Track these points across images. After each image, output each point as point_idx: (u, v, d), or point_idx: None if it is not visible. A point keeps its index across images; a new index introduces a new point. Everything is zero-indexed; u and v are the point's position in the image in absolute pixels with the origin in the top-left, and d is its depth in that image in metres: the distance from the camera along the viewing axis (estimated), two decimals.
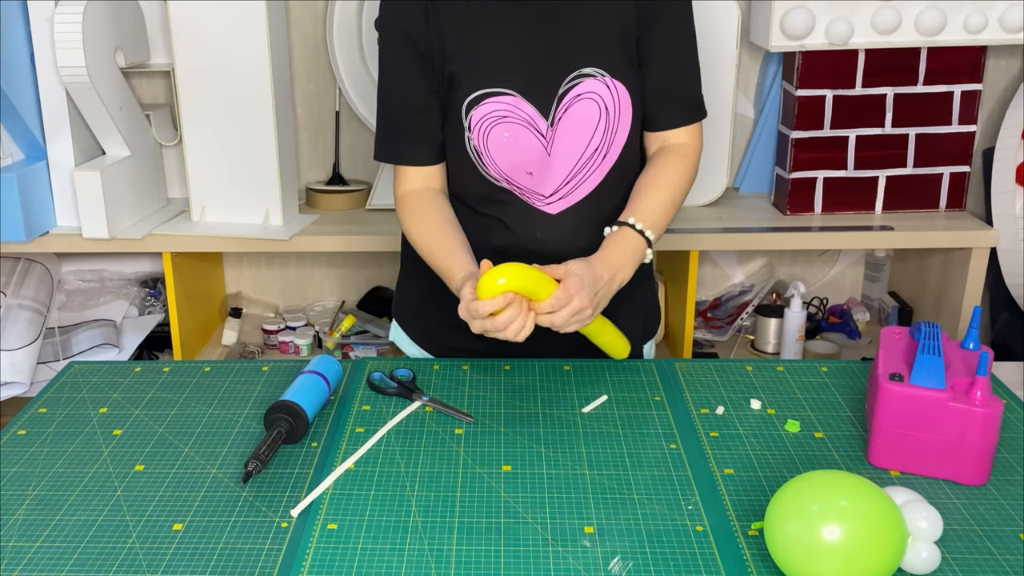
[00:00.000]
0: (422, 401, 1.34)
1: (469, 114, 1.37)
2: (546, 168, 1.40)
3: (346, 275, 2.67)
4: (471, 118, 1.38)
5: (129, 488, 1.16)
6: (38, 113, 2.18)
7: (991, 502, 1.11)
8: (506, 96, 1.36)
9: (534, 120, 1.38)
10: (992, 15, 2.16)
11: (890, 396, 1.14)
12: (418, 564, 1.01)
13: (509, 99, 1.37)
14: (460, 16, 1.37)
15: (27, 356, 2.24)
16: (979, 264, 2.23)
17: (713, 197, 2.41)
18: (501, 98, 1.37)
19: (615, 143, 1.40)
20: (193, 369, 1.46)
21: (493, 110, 1.37)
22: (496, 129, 1.37)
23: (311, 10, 2.43)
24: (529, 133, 1.38)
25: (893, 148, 2.29)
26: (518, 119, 1.37)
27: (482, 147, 1.39)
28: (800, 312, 2.33)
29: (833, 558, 0.91)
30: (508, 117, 1.37)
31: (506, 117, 1.37)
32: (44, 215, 2.23)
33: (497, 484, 1.15)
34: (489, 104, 1.37)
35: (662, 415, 1.31)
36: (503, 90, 1.36)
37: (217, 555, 1.03)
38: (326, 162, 2.56)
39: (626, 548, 1.03)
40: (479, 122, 1.37)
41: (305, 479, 1.17)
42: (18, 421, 1.32)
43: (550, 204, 1.42)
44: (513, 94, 1.37)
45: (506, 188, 1.42)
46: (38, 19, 2.10)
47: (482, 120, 1.37)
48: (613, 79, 1.37)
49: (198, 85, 2.17)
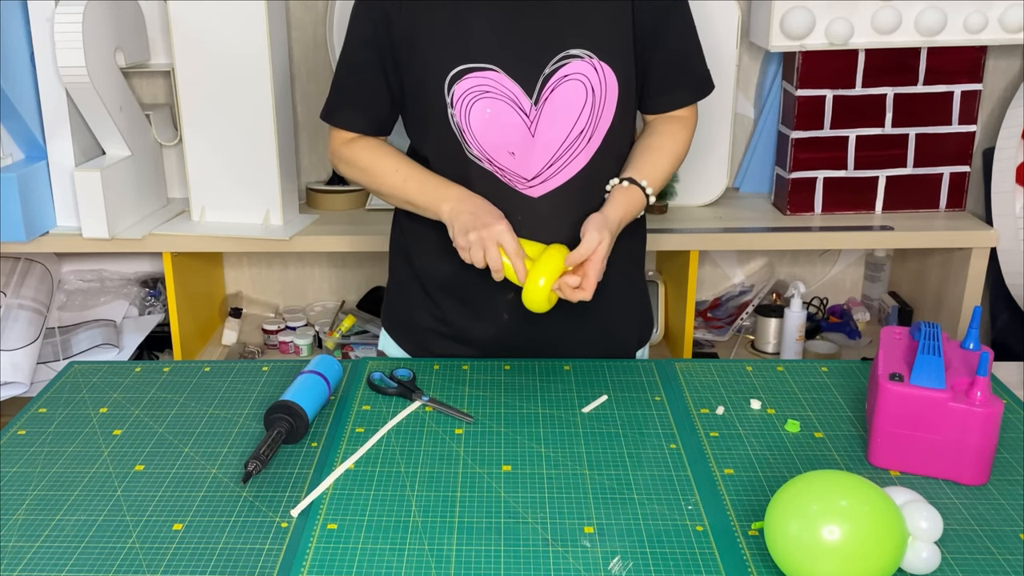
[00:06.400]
0: (422, 401, 1.34)
1: (452, 89, 1.36)
2: (529, 150, 1.39)
3: (346, 275, 2.67)
4: (453, 93, 1.37)
5: (129, 488, 1.16)
6: (38, 113, 2.18)
7: (991, 502, 1.11)
8: (489, 72, 1.36)
9: (517, 98, 1.37)
10: (992, 15, 2.16)
11: (890, 396, 1.14)
12: (418, 564, 1.01)
13: (492, 75, 1.36)
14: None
15: (27, 356, 2.24)
16: (979, 264, 2.23)
17: (713, 197, 2.41)
18: (484, 73, 1.36)
19: (600, 126, 1.40)
20: (193, 369, 1.46)
21: (475, 85, 1.36)
22: (478, 104, 1.36)
23: (311, 10, 2.43)
24: (512, 110, 1.37)
25: (893, 148, 2.29)
26: (500, 95, 1.36)
27: (464, 123, 1.38)
28: (800, 312, 2.33)
29: (833, 558, 0.91)
30: (490, 92, 1.36)
31: (488, 92, 1.36)
32: (44, 215, 2.23)
33: (497, 484, 1.15)
34: (471, 79, 1.36)
35: (662, 415, 1.31)
36: (486, 65, 1.36)
37: (217, 555, 1.03)
38: (326, 162, 2.56)
39: (626, 548, 1.03)
40: (461, 97, 1.36)
41: (305, 479, 1.17)
42: (18, 421, 1.32)
43: (532, 187, 1.41)
44: (496, 70, 1.36)
45: (488, 170, 1.40)
46: (38, 19, 2.10)
47: (464, 95, 1.36)
48: (601, 61, 1.37)
49: (198, 85, 2.17)
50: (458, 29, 1.36)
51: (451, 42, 1.36)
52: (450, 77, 1.36)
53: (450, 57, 1.36)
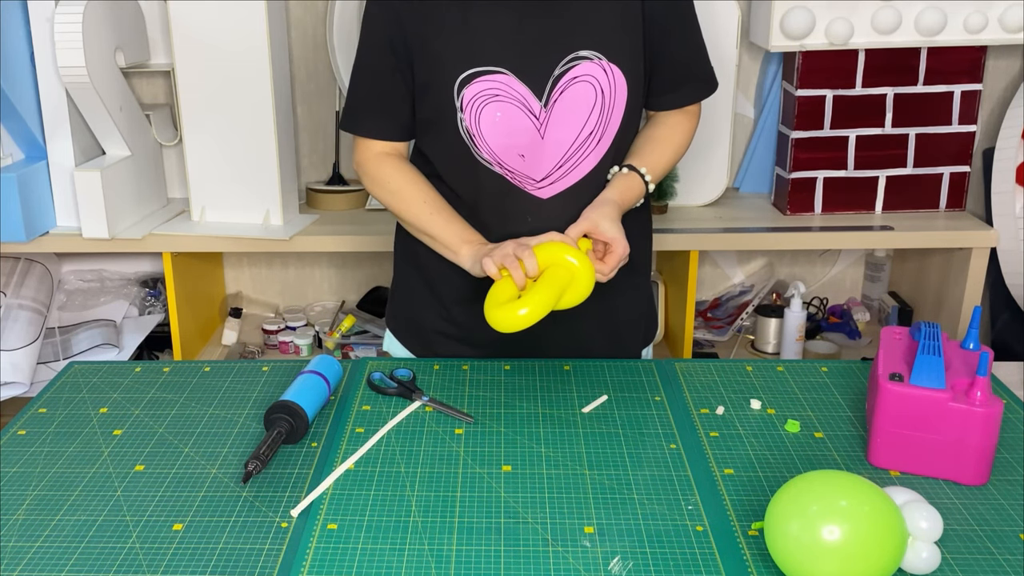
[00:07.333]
0: (422, 401, 1.34)
1: (461, 93, 1.36)
2: (538, 151, 1.39)
3: (346, 275, 2.67)
4: (463, 97, 1.36)
5: (129, 488, 1.16)
6: (38, 113, 2.18)
7: (991, 502, 1.11)
8: (499, 75, 1.35)
9: (527, 101, 1.36)
10: (992, 15, 2.16)
11: (890, 396, 1.14)
12: (418, 564, 1.01)
13: (502, 78, 1.35)
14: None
15: (27, 356, 2.24)
16: (979, 264, 2.23)
17: (713, 197, 2.41)
18: (493, 76, 1.35)
19: (609, 128, 1.39)
20: (193, 369, 1.46)
21: (484, 88, 1.36)
22: (488, 108, 1.36)
23: (311, 10, 2.43)
24: (521, 113, 1.37)
25: (893, 148, 2.29)
26: (510, 98, 1.36)
27: (474, 127, 1.37)
28: (800, 312, 2.33)
29: (833, 558, 0.91)
30: (500, 96, 1.36)
31: (498, 96, 1.36)
32: (44, 215, 2.23)
33: (497, 484, 1.15)
34: (481, 83, 1.35)
35: (662, 415, 1.30)
36: (495, 69, 1.35)
37: (217, 555, 1.03)
38: (326, 162, 2.56)
39: (626, 548, 1.03)
40: (471, 101, 1.36)
41: (305, 479, 1.17)
42: (18, 421, 1.32)
43: (541, 188, 1.41)
44: (506, 73, 1.35)
45: (497, 172, 1.40)
46: (38, 19, 2.10)
47: (474, 99, 1.36)
48: (610, 63, 1.36)
49: (198, 85, 2.17)
50: (467, 31, 1.35)
51: (460, 45, 1.36)
52: (459, 81, 1.35)
53: (459, 60, 1.36)
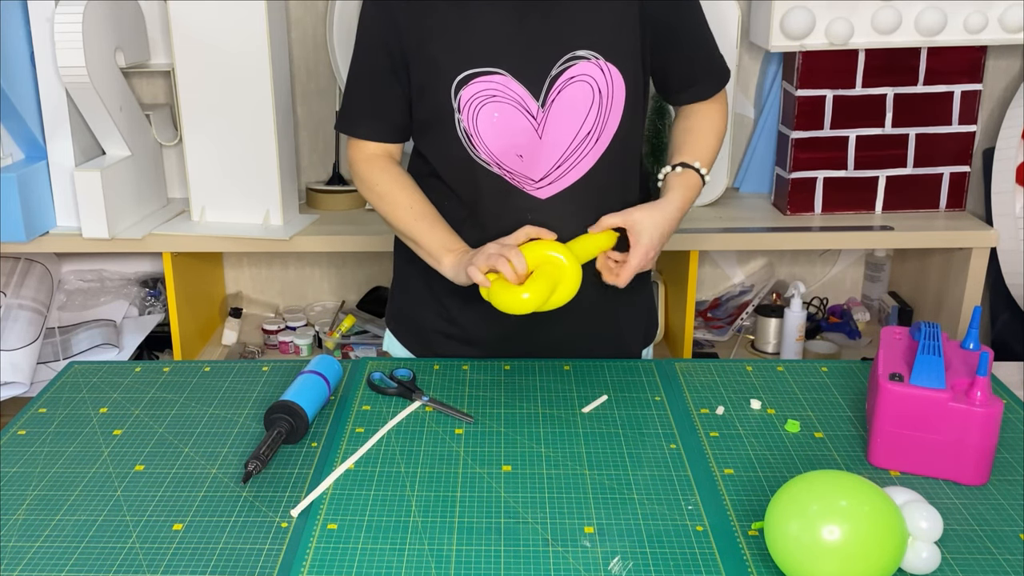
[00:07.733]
0: (422, 401, 1.34)
1: (458, 94, 1.36)
2: (537, 151, 1.38)
3: (346, 275, 2.67)
4: (460, 98, 1.36)
5: (129, 488, 1.16)
6: (38, 113, 2.18)
7: (991, 502, 1.11)
8: (496, 76, 1.35)
9: (524, 101, 1.36)
10: (992, 15, 2.16)
11: (890, 396, 1.14)
12: (418, 564, 1.01)
13: (499, 79, 1.35)
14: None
15: (27, 356, 2.24)
16: (979, 264, 2.23)
17: (713, 197, 2.41)
18: (491, 77, 1.35)
19: (607, 127, 1.39)
20: (193, 369, 1.46)
21: (482, 89, 1.35)
22: (485, 109, 1.36)
23: (311, 10, 2.43)
24: (519, 114, 1.37)
25: (893, 148, 2.29)
26: (508, 99, 1.36)
27: (472, 129, 1.37)
28: (800, 312, 2.33)
29: (833, 558, 0.91)
30: (497, 97, 1.36)
31: (495, 96, 1.36)
32: (44, 215, 2.23)
33: (497, 484, 1.15)
34: (478, 84, 1.35)
35: (662, 415, 1.30)
36: (492, 69, 1.35)
37: (217, 555, 1.03)
38: (326, 162, 2.56)
39: (626, 548, 1.03)
40: (468, 102, 1.36)
41: (305, 479, 1.17)
42: (18, 421, 1.32)
43: (540, 188, 1.41)
44: (503, 73, 1.35)
45: (495, 173, 1.40)
46: (38, 19, 2.10)
47: (471, 100, 1.36)
48: (607, 62, 1.36)
49: (198, 85, 2.17)
50: (463, 31, 1.35)
51: (457, 45, 1.36)
52: (457, 82, 1.35)
53: (456, 61, 1.35)
